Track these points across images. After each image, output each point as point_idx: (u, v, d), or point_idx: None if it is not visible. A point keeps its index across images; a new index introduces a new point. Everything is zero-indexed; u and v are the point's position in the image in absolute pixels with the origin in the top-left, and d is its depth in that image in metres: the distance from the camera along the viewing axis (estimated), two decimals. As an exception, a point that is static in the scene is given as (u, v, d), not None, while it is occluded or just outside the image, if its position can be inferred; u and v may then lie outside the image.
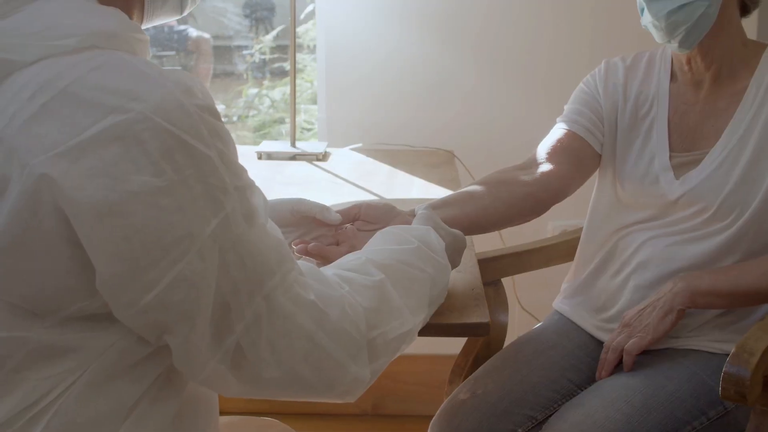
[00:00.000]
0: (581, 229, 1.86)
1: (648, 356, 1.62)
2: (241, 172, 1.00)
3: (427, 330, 1.26)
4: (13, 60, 0.95)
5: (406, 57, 2.61)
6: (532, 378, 1.66)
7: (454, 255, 1.39)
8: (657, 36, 1.60)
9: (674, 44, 1.59)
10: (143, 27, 1.11)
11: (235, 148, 1.01)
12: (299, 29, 3.09)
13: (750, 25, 2.52)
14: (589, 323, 1.76)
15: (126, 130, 0.91)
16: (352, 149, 2.54)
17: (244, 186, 1.00)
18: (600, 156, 1.75)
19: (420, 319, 1.23)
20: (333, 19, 2.60)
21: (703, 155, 1.64)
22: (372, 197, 2.02)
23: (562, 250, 1.90)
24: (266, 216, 1.05)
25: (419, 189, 2.13)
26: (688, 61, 1.65)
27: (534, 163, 1.69)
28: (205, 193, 0.95)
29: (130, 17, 1.07)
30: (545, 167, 1.67)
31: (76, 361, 0.97)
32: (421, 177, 2.24)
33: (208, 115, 0.97)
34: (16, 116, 0.92)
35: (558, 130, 1.75)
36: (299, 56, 3.13)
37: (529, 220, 1.66)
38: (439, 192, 2.06)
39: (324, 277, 1.12)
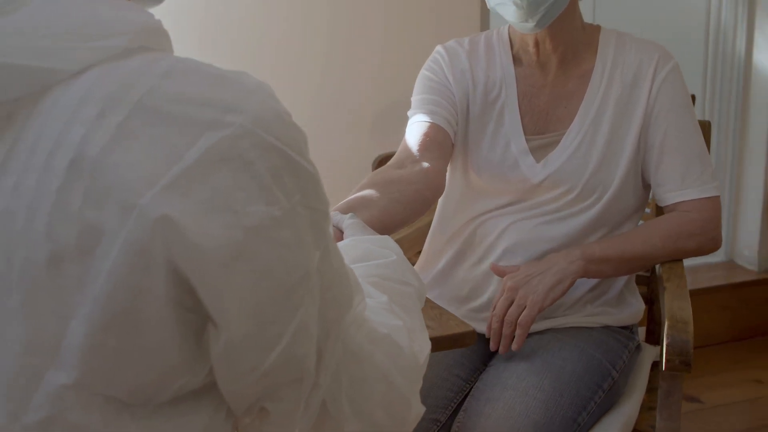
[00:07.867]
0: (427, 220, 1.81)
1: (533, 339, 1.62)
2: (324, 190, 0.83)
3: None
4: (55, 69, 0.70)
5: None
6: (426, 380, 1.58)
7: None
8: (514, 16, 1.56)
9: (530, 24, 1.57)
10: None
11: None
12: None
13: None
14: (456, 314, 1.71)
15: (230, 150, 0.71)
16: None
17: (328, 207, 0.84)
18: (453, 146, 1.71)
19: (427, 337, 1.12)
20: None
21: (559, 137, 1.67)
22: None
23: (404, 245, 1.83)
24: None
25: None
26: (536, 44, 1.66)
27: (410, 160, 1.60)
28: (311, 221, 0.78)
29: None
30: (423, 164, 1.59)
31: None
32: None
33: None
34: (89, 142, 0.68)
35: (422, 124, 1.66)
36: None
37: (415, 220, 1.58)
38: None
39: (374, 305, 0.97)
